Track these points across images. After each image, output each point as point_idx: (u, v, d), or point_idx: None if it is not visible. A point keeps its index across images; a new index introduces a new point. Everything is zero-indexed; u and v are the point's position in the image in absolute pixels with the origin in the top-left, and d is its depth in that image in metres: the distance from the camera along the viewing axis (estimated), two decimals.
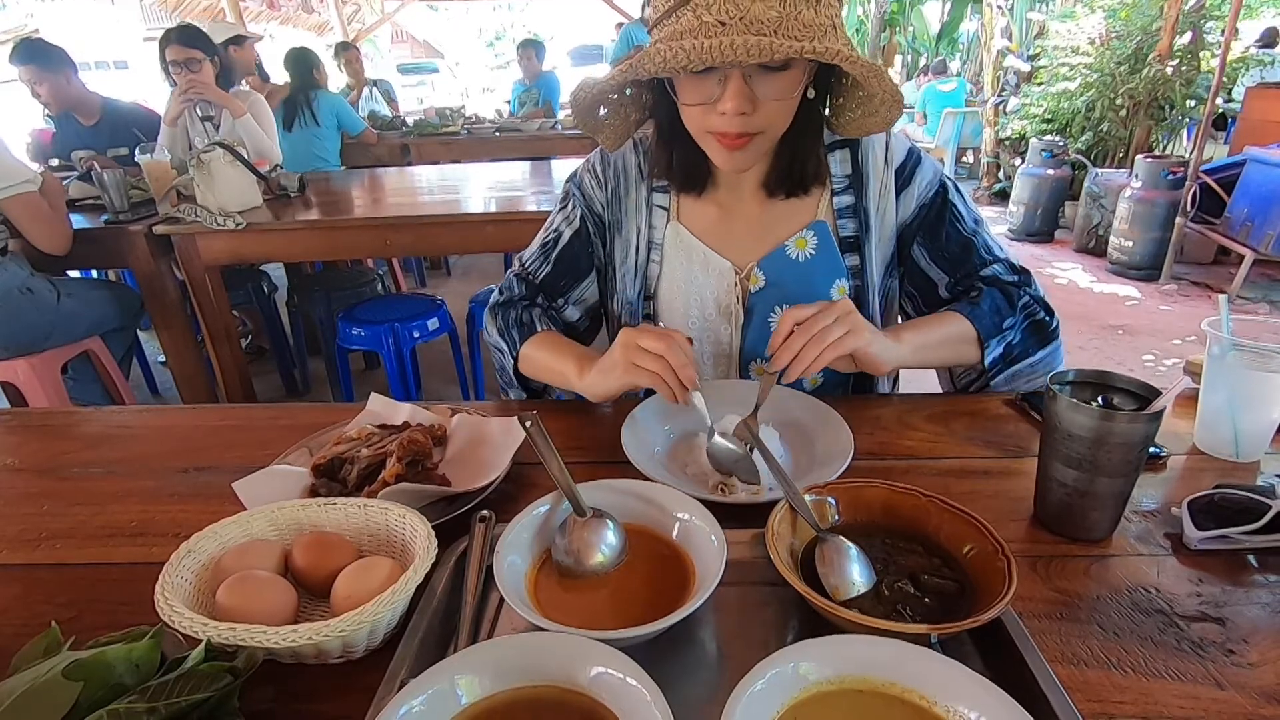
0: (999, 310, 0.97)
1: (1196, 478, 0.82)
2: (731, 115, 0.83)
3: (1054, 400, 0.69)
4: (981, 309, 0.96)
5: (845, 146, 1.03)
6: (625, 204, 1.08)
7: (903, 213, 1.03)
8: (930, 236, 1.03)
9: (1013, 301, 0.98)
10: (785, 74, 0.83)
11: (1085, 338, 3.76)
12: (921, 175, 1.03)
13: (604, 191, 1.09)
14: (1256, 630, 0.60)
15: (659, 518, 0.68)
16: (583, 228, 1.09)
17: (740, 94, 0.82)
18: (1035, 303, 0.99)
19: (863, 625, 0.52)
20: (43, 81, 2.93)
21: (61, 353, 2.36)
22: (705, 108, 0.86)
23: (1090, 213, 5.17)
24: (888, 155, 1.02)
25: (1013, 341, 0.98)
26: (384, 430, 0.87)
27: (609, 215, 1.09)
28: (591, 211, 1.09)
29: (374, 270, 3.47)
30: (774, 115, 0.86)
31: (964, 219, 1.03)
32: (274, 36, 9.32)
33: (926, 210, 1.03)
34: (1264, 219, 4.10)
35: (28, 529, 0.79)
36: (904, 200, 1.03)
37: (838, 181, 1.03)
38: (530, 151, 4.52)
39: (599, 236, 1.10)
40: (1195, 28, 5.17)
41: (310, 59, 4.17)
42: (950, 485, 0.81)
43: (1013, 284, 1.01)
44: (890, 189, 1.02)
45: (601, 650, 0.50)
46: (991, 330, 0.95)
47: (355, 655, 0.59)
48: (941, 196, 1.02)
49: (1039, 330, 0.99)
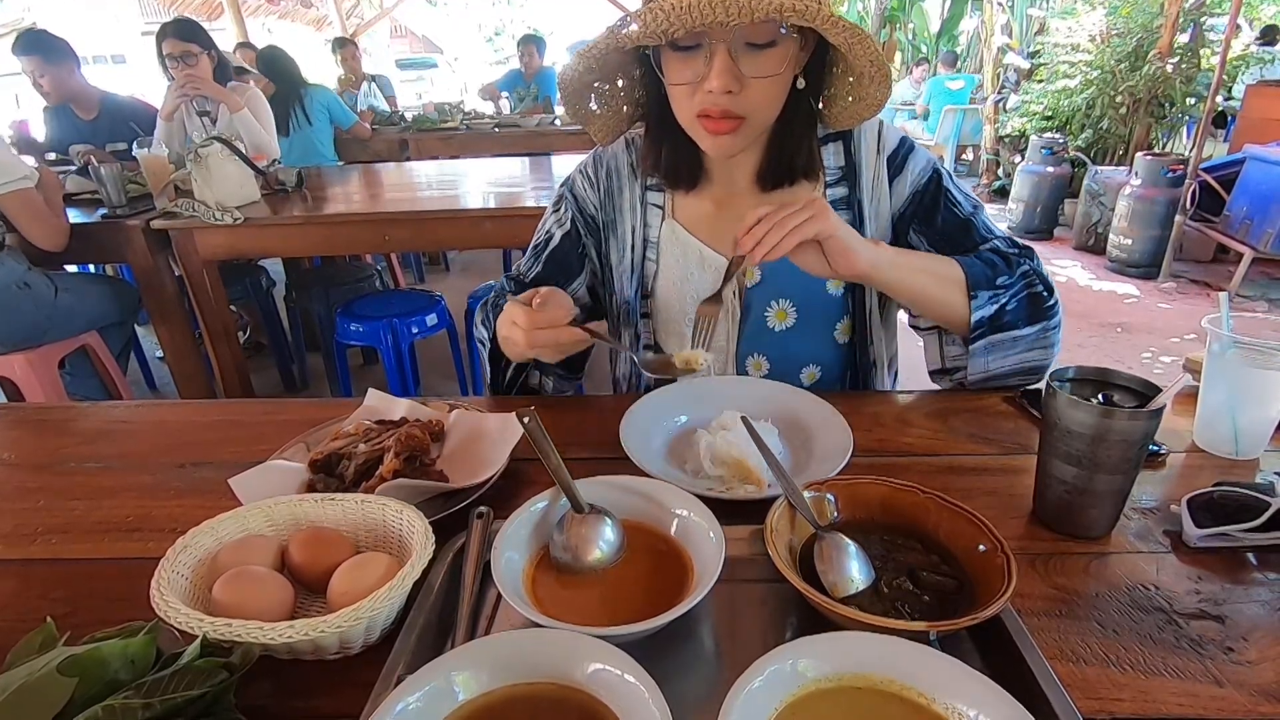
0: (994, 266, 0.94)
1: (1196, 475, 0.81)
2: (718, 94, 0.83)
3: (1054, 397, 0.69)
4: (974, 261, 0.95)
5: (838, 139, 1.03)
6: (619, 204, 1.08)
7: (896, 200, 1.03)
8: (926, 223, 1.02)
9: (1011, 265, 0.95)
10: (772, 51, 0.83)
11: (1084, 335, 3.76)
12: (914, 162, 1.02)
13: (596, 193, 1.09)
14: (1255, 628, 0.60)
15: (657, 514, 0.68)
16: (574, 229, 1.09)
17: (726, 71, 0.82)
18: (1035, 275, 0.95)
19: (861, 623, 0.52)
20: (46, 73, 2.92)
21: (59, 348, 2.35)
22: (692, 88, 0.86)
23: (1090, 210, 5.17)
24: (880, 143, 1.02)
25: (1006, 305, 0.93)
26: (382, 426, 0.87)
27: (602, 216, 1.09)
28: (584, 214, 1.10)
29: (372, 266, 3.46)
30: (761, 96, 0.86)
31: (960, 204, 1.02)
32: (272, 31, 9.30)
33: (920, 196, 1.02)
34: (1263, 217, 4.10)
35: (23, 524, 0.79)
36: (896, 188, 1.02)
37: (830, 174, 1.03)
38: (529, 147, 4.51)
39: (592, 237, 1.10)
40: (1196, 25, 5.17)
41: (285, 58, 4.09)
42: (949, 482, 0.81)
43: (1013, 254, 0.99)
44: (883, 178, 1.02)
45: (599, 647, 0.49)
46: (982, 282, 0.92)
47: (352, 651, 0.58)
48: (935, 183, 1.02)
49: (1035, 303, 0.94)
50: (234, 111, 2.97)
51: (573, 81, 0.93)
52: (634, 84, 1.00)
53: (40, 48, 2.90)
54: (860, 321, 1.05)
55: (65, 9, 11.47)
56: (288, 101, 3.99)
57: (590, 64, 0.90)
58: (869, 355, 1.07)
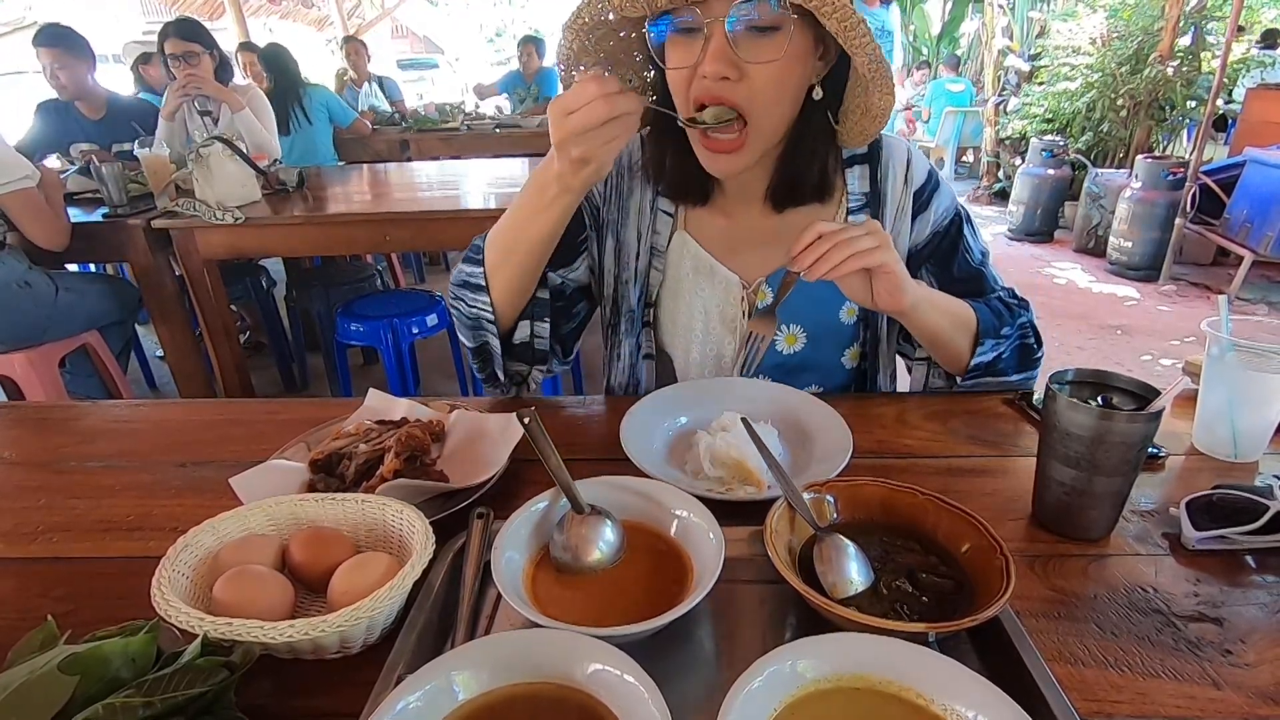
0: (1000, 316, 0.97)
1: (1195, 478, 0.82)
2: (713, 79, 0.79)
3: (1053, 399, 0.69)
4: (984, 308, 0.97)
5: (864, 162, 1.01)
6: (627, 205, 1.04)
7: (916, 236, 1.02)
8: (941, 265, 1.03)
9: (1013, 316, 0.99)
10: (773, 36, 0.78)
11: (1084, 337, 3.76)
12: (939, 201, 1.02)
13: (605, 186, 1.04)
14: (1254, 630, 0.60)
15: (657, 514, 0.68)
16: (579, 216, 1.01)
17: (721, 54, 0.78)
18: (1030, 328, 1.01)
19: (861, 623, 0.52)
20: (66, 66, 2.94)
21: (59, 346, 2.35)
22: (689, 75, 0.82)
23: (1090, 213, 5.18)
24: (909, 175, 1.01)
25: (1003, 354, 0.98)
26: (382, 426, 0.87)
27: (605, 212, 1.04)
28: (590, 203, 1.04)
29: (373, 266, 3.47)
30: (763, 87, 0.81)
31: (974, 251, 1.04)
32: (273, 30, 9.31)
33: (940, 239, 1.02)
34: (1263, 220, 4.11)
35: (24, 522, 0.79)
36: (919, 224, 1.02)
37: (854, 199, 1.00)
38: (530, 147, 4.52)
39: (595, 231, 1.05)
40: (1197, 28, 5.17)
41: (286, 56, 4.08)
42: (948, 484, 0.81)
43: (1015, 304, 1.02)
44: (907, 211, 1.01)
45: (599, 647, 0.50)
46: (989, 330, 0.95)
47: (352, 651, 0.59)
48: (956, 227, 1.03)
49: (1025, 354, 1.01)
50: (235, 111, 2.98)
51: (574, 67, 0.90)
52: (645, 87, 0.96)
53: (63, 41, 2.93)
54: (871, 349, 1.06)
55: (66, 8, 11.47)
56: (287, 100, 3.98)
57: (584, 41, 0.87)
58: (877, 382, 1.08)
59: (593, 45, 0.89)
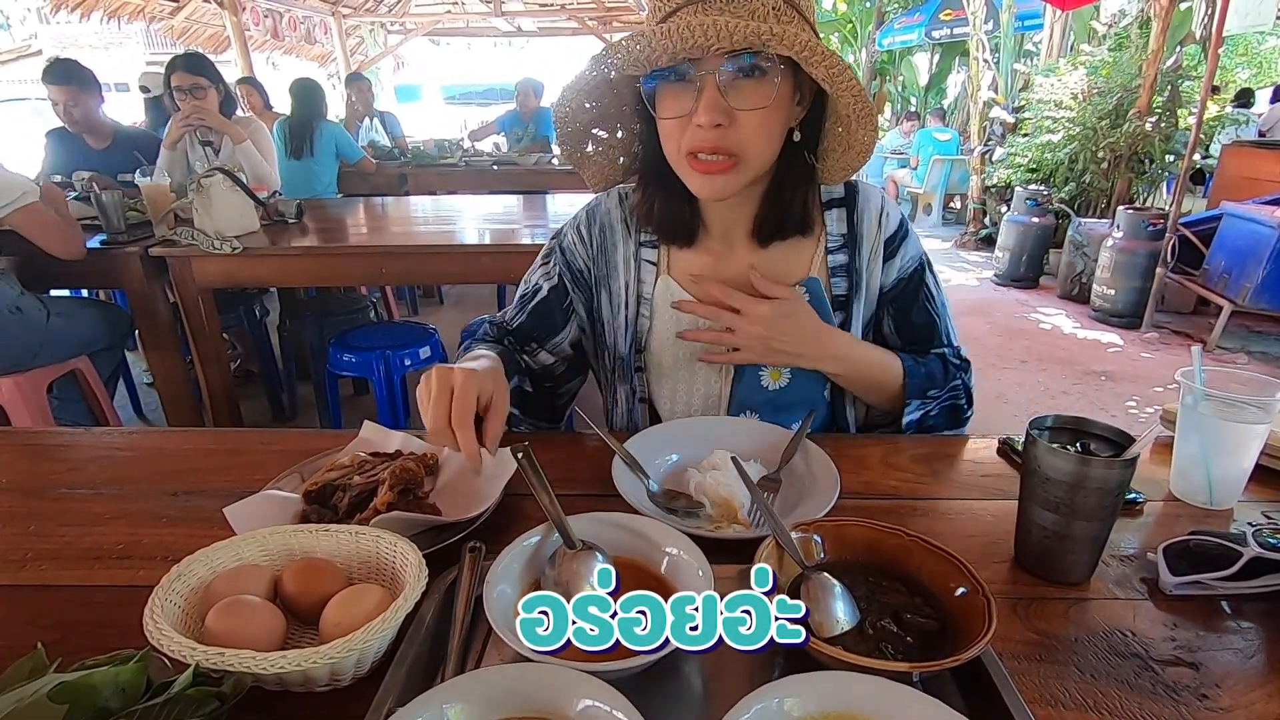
0: (933, 377, 1.05)
1: (1172, 524, 0.83)
2: (707, 128, 0.84)
3: (1033, 445, 0.71)
4: (921, 370, 1.04)
5: (841, 205, 1.05)
6: (613, 259, 1.08)
7: (884, 280, 1.07)
8: (900, 310, 1.08)
9: (948, 376, 1.06)
10: (760, 82, 0.83)
11: (1069, 382, 3.82)
12: (906, 249, 1.07)
13: (588, 248, 1.08)
14: (1229, 675, 0.61)
15: (648, 551, 0.69)
16: (561, 284, 1.09)
17: (715, 104, 0.83)
18: (963, 390, 1.08)
19: (846, 662, 0.53)
20: (79, 102, 3.01)
21: (48, 371, 2.34)
22: (681, 123, 0.86)
23: (1073, 260, 5.29)
24: (882, 220, 1.05)
25: (930, 412, 1.05)
26: (376, 458, 0.88)
27: (595, 271, 1.09)
28: (572, 269, 1.09)
29: (367, 297, 3.48)
30: (752, 132, 0.86)
31: (934, 299, 1.09)
32: (277, 66, 9.47)
33: (904, 284, 1.07)
34: (1240, 271, 4.21)
35: (13, 549, 0.79)
36: (888, 269, 1.07)
37: (833, 240, 1.05)
38: (526, 185, 4.59)
39: (581, 293, 1.10)
40: (1173, 86, 5.36)
41: (318, 91, 4.24)
42: (933, 525, 0.82)
43: (954, 365, 1.07)
44: (879, 255, 1.06)
45: (589, 682, 0.50)
46: (915, 393, 1.03)
47: (343, 683, 0.59)
48: (919, 275, 1.08)
49: (954, 414, 1.07)
50: (237, 143, 3.03)
51: (570, 122, 0.96)
52: (633, 138, 1.02)
53: (74, 78, 3.00)
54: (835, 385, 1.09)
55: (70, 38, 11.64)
56: (304, 131, 4.10)
57: (582, 99, 0.93)
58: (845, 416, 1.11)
59: (593, 103, 0.94)
